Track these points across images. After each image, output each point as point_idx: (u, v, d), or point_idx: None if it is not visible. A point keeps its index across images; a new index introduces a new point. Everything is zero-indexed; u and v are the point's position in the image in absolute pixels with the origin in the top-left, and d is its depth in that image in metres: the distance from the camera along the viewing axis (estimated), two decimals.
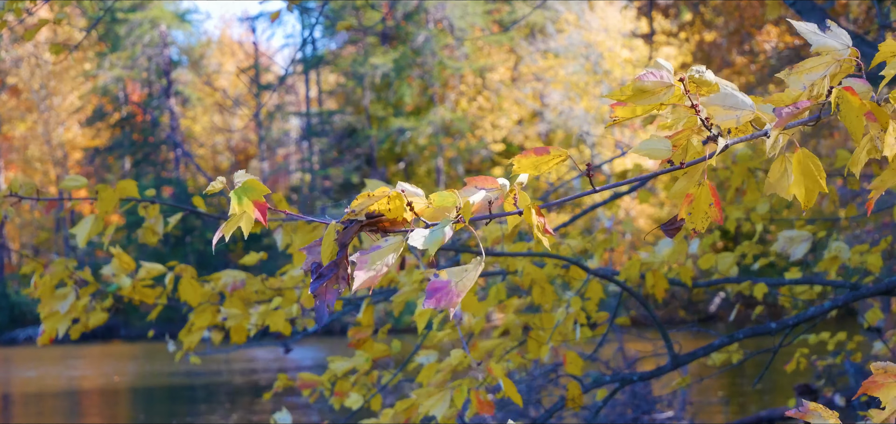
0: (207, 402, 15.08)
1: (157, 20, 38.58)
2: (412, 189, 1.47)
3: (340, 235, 1.48)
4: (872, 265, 5.07)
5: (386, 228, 1.48)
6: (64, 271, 3.62)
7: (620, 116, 1.55)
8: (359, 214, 1.48)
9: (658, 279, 4.43)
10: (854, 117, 1.50)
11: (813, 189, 1.57)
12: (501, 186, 1.48)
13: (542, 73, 35.63)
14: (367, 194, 1.46)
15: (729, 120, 1.53)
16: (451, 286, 1.44)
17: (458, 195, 1.47)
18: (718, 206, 1.58)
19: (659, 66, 1.51)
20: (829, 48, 1.55)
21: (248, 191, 1.48)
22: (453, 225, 1.43)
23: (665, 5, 22.44)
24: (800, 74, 1.56)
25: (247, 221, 1.47)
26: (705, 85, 1.51)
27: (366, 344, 4.07)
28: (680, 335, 11.59)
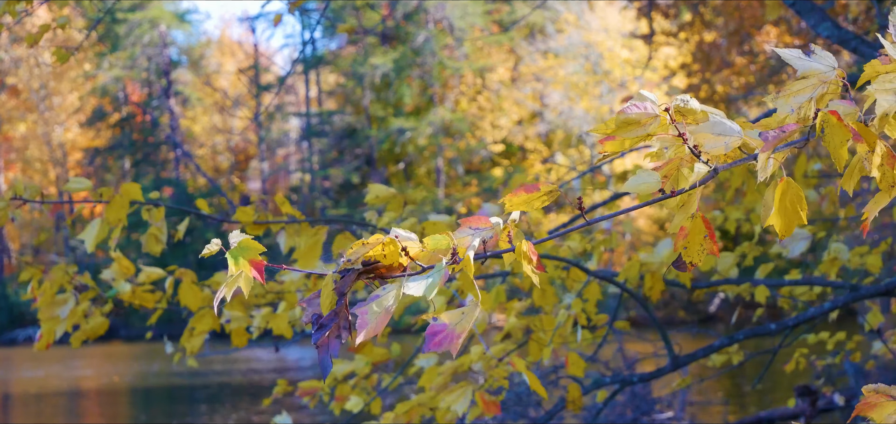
0: (207, 402, 15.08)
1: (157, 20, 38.58)
2: (405, 234, 1.49)
3: (338, 284, 1.50)
4: (872, 265, 5.07)
5: (382, 274, 1.50)
6: (63, 276, 3.61)
7: (609, 150, 1.56)
8: (355, 262, 1.50)
9: (655, 281, 4.43)
10: (838, 142, 1.50)
11: (791, 222, 1.58)
12: (495, 225, 1.51)
13: (541, 73, 35.63)
14: (361, 242, 1.48)
15: (717, 147, 1.54)
16: (451, 330, 1.46)
17: (452, 238, 1.48)
18: (713, 238, 1.59)
19: (642, 97, 1.52)
20: (815, 72, 1.55)
21: (244, 251, 1.49)
22: (449, 268, 1.45)
23: (665, 6, 22.45)
24: (787, 97, 1.56)
25: (245, 281, 1.48)
26: (691, 114, 1.52)
27: (365, 348, 4.07)
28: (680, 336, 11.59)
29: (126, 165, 40.15)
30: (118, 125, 40.14)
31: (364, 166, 36.87)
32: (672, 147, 1.55)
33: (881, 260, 5.15)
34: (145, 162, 40.01)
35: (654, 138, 1.55)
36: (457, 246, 1.47)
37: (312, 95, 40.97)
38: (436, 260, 1.48)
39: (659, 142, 1.55)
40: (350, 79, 37.19)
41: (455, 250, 1.47)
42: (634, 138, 1.53)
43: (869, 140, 1.50)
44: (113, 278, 3.73)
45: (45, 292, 3.58)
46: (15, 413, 15.02)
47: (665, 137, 1.53)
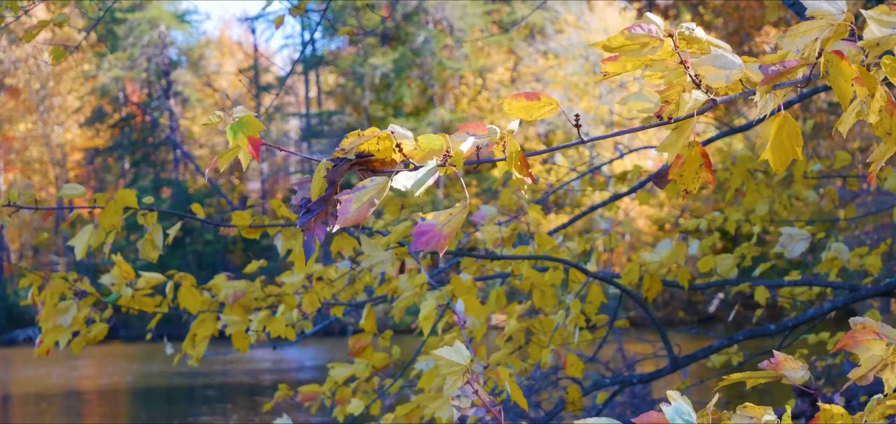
0: (207, 402, 15.08)
1: (157, 21, 38.57)
2: (402, 131, 1.48)
3: (330, 172, 1.50)
4: (871, 266, 5.07)
5: (375, 168, 1.50)
6: (64, 285, 3.61)
7: (611, 71, 1.55)
8: (349, 153, 1.49)
9: (653, 281, 4.43)
10: (842, 81, 1.48)
11: (786, 156, 1.56)
12: (491, 131, 1.50)
13: (541, 73, 35.64)
14: (357, 132, 1.47)
15: (719, 79, 1.53)
16: (437, 228, 1.46)
17: (448, 139, 1.47)
18: (709, 167, 1.58)
19: (648, 20, 1.52)
20: (824, 12, 1.54)
21: (244, 126, 1.49)
22: (440, 168, 1.45)
23: (664, 6, 22.46)
24: (794, 37, 1.55)
25: (245, 156, 1.48)
26: (696, 42, 1.51)
27: (366, 351, 4.06)
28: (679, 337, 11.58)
29: (126, 165, 40.14)
30: (118, 126, 40.14)
31: None
32: (674, 76, 1.55)
33: (881, 260, 5.15)
34: (145, 162, 40.00)
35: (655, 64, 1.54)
36: (451, 147, 1.46)
37: (312, 96, 40.97)
38: (429, 159, 1.47)
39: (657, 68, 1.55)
40: (350, 79, 37.19)
41: (448, 151, 1.45)
42: (636, 61, 1.52)
43: (869, 84, 1.49)
44: (112, 282, 3.72)
45: (47, 301, 3.57)
46: (15, 413, 15.01)
47: (667, 63, 1.53)
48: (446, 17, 35.29)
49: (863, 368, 1.59)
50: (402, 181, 1.42)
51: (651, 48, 1.50)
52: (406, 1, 34.00)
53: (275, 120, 40.58)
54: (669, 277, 4.67)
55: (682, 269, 4.60)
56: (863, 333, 1.61)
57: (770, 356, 5.48)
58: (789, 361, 1.67)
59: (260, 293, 3.91)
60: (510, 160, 1.49)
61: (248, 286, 3.87)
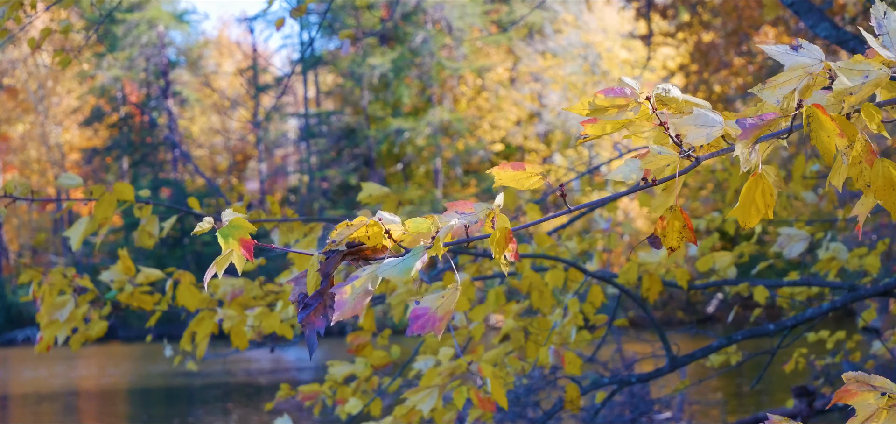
0: (207, 402, 15.08)
1: (155, 21, 38.56)
2: (390, 217, 1.51)
3: (323, 265, 1.52)
4: (870, 266, 5.07)
5: (367, 256, 1.52)
6: (62, 280, 3.61)
7: (591, 134, 1.57)
8: (340, 244, 1.52)
9: (653, 282, 4.43)
10: (825, 136, 1.48)
11: (756, 215, 1.57)
12: (479, 209, 1.51)
13: (540, 73, 35.64)
14: (345, 223, 1.50)
15: (699, 137, 1.54)
16: (433, 312, 1.49)
17: (435, 221, 1.50)
18: (690, 228, 1.61)
19: (623, 82, 1.53)
20: (801, 63, 1.54)
21: (234, 230, 1.51)
22: (427, 253, 1.47)
23: (663, 6, 22.46)
24: (773, 88, 1.55)
25: (238, 259, 1.50)
26: (673, 102, 1.52)
27: (365, 350, 4.07)
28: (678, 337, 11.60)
29: (124, 165, 40.13)
30: (116, 126, 40.13)
31: (362, 166, 36.86)
32: (654, 136, 1.56)
33: (879, 261, 5.15)
34: (144, 162, 39.99)
35: (634, 126, 1.56)
36: (439, 230, 1.48)
37: (311, 96, 40.96)
38: (418, 243, 1.49)
39: (637, 130, 1.57)
40: (348, 79, 37.18)
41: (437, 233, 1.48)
42: (615, 123, 1.54)
43: (849, 134, 1.49)
44: (112, 280, 3.73)
45: (46, 296, 3.58)
46: (14, 413, 15.01)
47: (646, 125, 1.54)
48: (445, 16, 35.30)
49: (859, 418, 1.62)
50: (387, 271, 1.45)
51: (629, 110, 1.52)
52: (405, 1, 34.00)
53: (274, 120, 40.58)
54: (668, 277, 4.67)
55: (680, 269, 4.61)
56: (856, 386, 1.64)
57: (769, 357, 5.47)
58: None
59: (259, 292, 3.92)
60: (494, 239, 1.52)
61: (247, 284, 3.87)
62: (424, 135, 35.06)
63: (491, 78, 36.81)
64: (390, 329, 4.69)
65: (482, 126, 36.24)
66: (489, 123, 36.34)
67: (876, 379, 1.61)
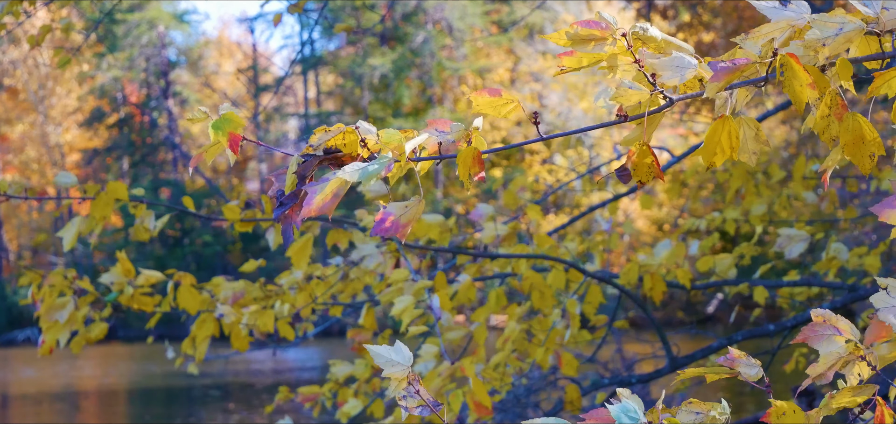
0: (207, 402, 15.08)
1: (155, 21, 38.56)
2: (366, 127, 1.55)
3: (300, 167, 1.57)
4: (870, 266, 5.07)
5: (343, 162, 1.57)
6: (63, 282, 3.61)
7: (568, 65, 1.59)
8: (317, 148, 1.57)
9: (656, 282, 4.43)
10: (797, 85, 1.46)
11: (720, 156, 1.57)
12: (454, 128, 1.56)
13: (540, 73, 35.65)
14: (323, 128, 1.55)
15: (673, 77, 1.54)
16: (396, 218, 1.54)
17: (409, 134, 1.54)
18: (658, 166, 1.61)
19: (601, 17, 1.55)
20: (787, 19, 1.54)
21: (226, 122, 1.57)
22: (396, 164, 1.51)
23: (664, 6, 22.47)
24: (755, 38, 1.55)
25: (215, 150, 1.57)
26: (651, 41, 1.53)
27: (366, 352, 4.06)
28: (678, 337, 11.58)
29: (124, 165, 40.12)
30: (116, 126, 40.12)
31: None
32: (628, 74, 1.57)
33: (880, 261, 5.15)
34: (143, 163, 39.99)
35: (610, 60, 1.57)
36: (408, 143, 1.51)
37: (311, 96, 40.95)
38: (397, 154, 1.53)
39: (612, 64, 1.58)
40: (349, 79, 37.18)
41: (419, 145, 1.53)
42: (592, 56, 1.56)
43: (820, 85, 1.48)
44: (112, 281, 3.73)
45: (46, 298, 3.58)
46: (14, 413, 15.01)
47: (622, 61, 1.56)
48: (445, 17, 35.29)
49: (821, 365, 1.58)
50: (349, 173, 1.49)
51: (607, 45, 1.53)
52: (405, 1, 33.99)
53: (274, 120, 40.57)
54: (669, 277, 4.67)
55: (682, 269, 4.61)
56: (823, 326, 1.60)
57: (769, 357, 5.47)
58: (743, 358, 1.68)
59: (259, 294, 3.92)
60: (461, 157, 1.54)
61: (247, 287, 3.87)
62: None
63: (491, 78, 36.80)
64: (391, 330, 4.68)
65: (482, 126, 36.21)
66: (489, 122, 36.34)
67: (841, 322, 1.59)
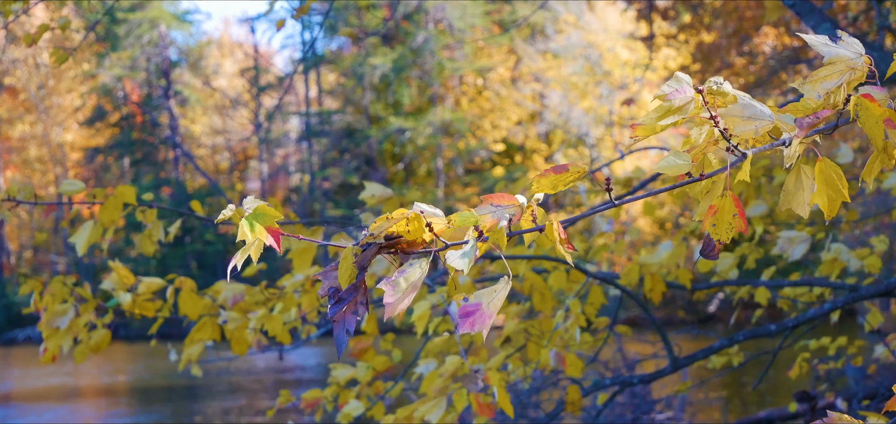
0: (208, 402, 15.08)
1: (157, 20, 38.56)
2: (431, 210, 1.47)
3: (359, 258, 1.48)
4: (871, 266, 5.06)
5: (404, 249, 1.49)
6: (63, 289, 3.60)
7: (641, 134, 1.56)
8: (378, 236, 1.48)
9: (656, 282, 4.43)
10: (874, 124, 1.50)
11: (835, 199, 1.57)
12: (519, 203, 1.49)
13: (541, 73, 35.63)
14: (385, 216, 1.46)
15: (747, 131, 1.53)
16: (483, 309, 1.45)
17: (478, 214, 1.47)
18: (742, 216, 1.58)
19: (678, 80, 1.52)
20: (842, 58, 1.55)
21: (260, 217, 1.47)
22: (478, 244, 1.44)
23: (664, 8, 22.46)
24: (814, 83, 1.56)
25: (257, 248, 1.46)
26: (722, 96, 1.51)
27: (368, 354, 4.05)
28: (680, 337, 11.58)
29: (126, 165, 40.14)
30: (118, 125, 40.14)
31: (364, 166, 36.84)
32: (702, 131, 1.55)
33: (881, 261, 5.14)
34: (145, 162, 40.00)
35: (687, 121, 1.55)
36: (482, 223, 1.45)
37: (312, 95, 40.95)
38: (458, 238, 1.47)
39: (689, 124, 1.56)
40: (350, 79, 37.17)
41: (482, 226, 1.45)
42: (665, 116, 1.53)
43: None
44: (113, 288, 3.72)
45: (48, 306, 3.56)
46: (14, 413, 15.01)
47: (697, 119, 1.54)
48: (446, 16, 35.28)
49: None
50: (453, 260, 1.41)
51: (685, 110, 1.51)
52: (407, 1, 33.98)
53: (275, 120, 40.57)
54: (670, 277, 4.66)
55: (683, 269, 4.60)
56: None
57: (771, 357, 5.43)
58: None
59: (260, 297, 3.91)
60: (548, 230, 1.49)
61: (248, 290, 3.86)
62: (426, 135, 35.06)
63: (492, 78, 36.79)
64: (393, 334, 4.68)
65: (483, 126, 36.23)
66: (490, 122, 36.32)
67: None
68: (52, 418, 14.20)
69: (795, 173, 1.57)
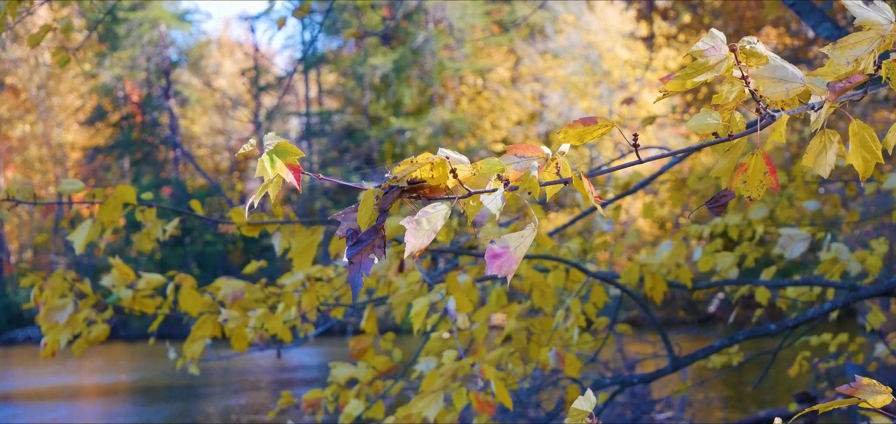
0: (208, 402, 15.08)
1: (157, 20, 38.57)
2: (456, 156, 1.46)
3: (381, 200, 1.46)
4: (872, 266, 5.06)
5: (426, 195, 1.47)
6: (63, 284, 3.60)
7: (670, 89, 1.55)
8: (401, 180, 1.46)
9: (657, 282, 4.43)
10: None
11: (870, 160, 1.56)
12: (544, 153, 1.47)
13: (541, 73, 35.63)
14: (409, 160, 1.44)
15: (778, 93, 1.52)
16: (511, 252, 1.44)
17: (505, 162, 1.45)
18: (773, 173, 1.56)
19: (713, 36, 1.51)
20: (873, 22, 1.55)
21: (281, 154, 1.44)
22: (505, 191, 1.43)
23: (664, 7, 22.46)
24: (843, 49, 1.55)
25: (276, 184, 1.43)
26: (755, 56, 1.50)
27: (368, 354, 4.05)
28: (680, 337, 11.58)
29: (126, 164, 40.14)
30: (118, 125, 40.15)
31: (364, 166, 36.85)
32: (733, 89, 1.54)
33: (881, 261, 5.14)
34: (145, 162, 40.01)
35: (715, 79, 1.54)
36: (507, 173, 1.43)
37: (312, 95, 40.96)
38: (482, 185, 1.45)
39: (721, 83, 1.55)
40: (350, 79, 37.18)
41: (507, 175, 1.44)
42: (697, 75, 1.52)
43: None
44: (113, 284, 3.72)
45: (47, 300, 3.57)
46: (14, 413, 15.02)
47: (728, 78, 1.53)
48: (446, 16, 35.28)
49: None
50: (491, 203, 1.40)
51: (718, 68, 1.50)
52: (407, 1, 33.98)
53: (275, 119, 40.57)
54: (670, 277, 4.66)
55: (683, 269, 4.60)
56: None
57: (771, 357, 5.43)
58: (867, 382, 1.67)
59: (260, 295, 3.91)
60: (575, 182, 1.47)
61: (248, 288, 3.86)
62: (426, 135, 35.06)
63: (492, 78, 36.80)
64: (393, 333, 4.68)
65: (483, 126, 36.24)
66: (490, 122, 36.33)
67: None
68: (52, 417, 14.21)
69: (820, 138, 1.57)
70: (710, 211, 1.62)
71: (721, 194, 1.60)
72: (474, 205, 1.45)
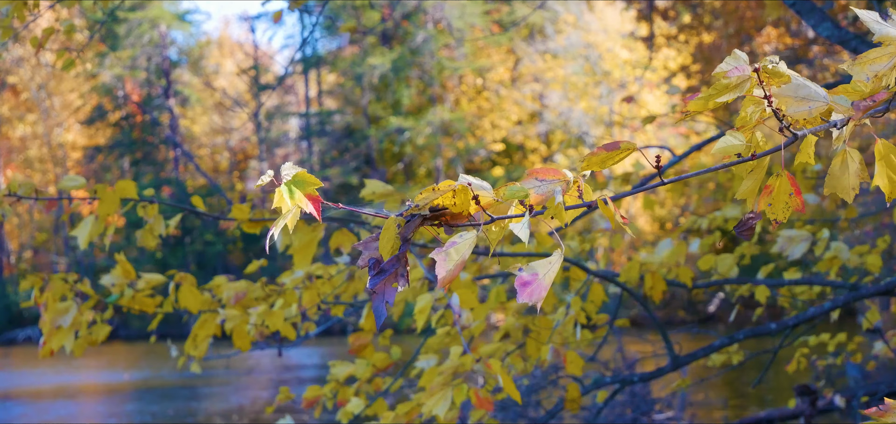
0: (208, 401, 15.09)
1: (157, 20, 38.57)
2: (479, 183, 1.46)
3: (403, 229, 1.45)
4: (872, 265, 5.07)
5: (447, 221, 1.47)
6: (64, 286, 3.60)
7: (693, 109, 1.54)
8: (423, 208, 1.46)
9: (656, 281, 4.43)
10: None
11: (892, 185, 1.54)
12: (567, 177, 1.47)
13: (541, 73, 35.63)
14: (431, 188, 1.44)
15: (801, 111, 1.51)
16: (540, 279, 1.43)
17: (527, 186, 1.45)
18: (799, 194, 1.55)
19: (736, 57, 1.50)
20: (892, 38, 1.53)
21: (301, 185, 1.43)
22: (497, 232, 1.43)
23: (664, 7, 22.47)
24: (863, 65, 1.54)
25: (294, 217, 1.42)
26: (777, 76, 1.50)
27: (367, 351, 4.06)
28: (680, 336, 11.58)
29: (126, 164, 40.15)
30: (118, 125, 40.16)
31: (363, 166, 36.86)
32: (755, 109, 1.53)
33: (881, 259, 5.15)
34: (145, 162, 40.02)
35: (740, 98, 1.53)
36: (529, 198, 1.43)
37: (312, 95, 40.96)
38: (504, 211, 1.45)
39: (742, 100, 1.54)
40: (349, 79, 37.18)
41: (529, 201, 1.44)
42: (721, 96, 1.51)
43: None
44: (113, 283, 3.72)
45: (48, 303, 3.57)
46: (14, 413, 15.02)
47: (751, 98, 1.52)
48: (445, 16, 35.28)
49: None
50: (519, 230, 1.40)
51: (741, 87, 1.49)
52: (406, 1, 33.98)
53: (275, 119, 40.58)
54: (670, 276, 4.66)
55: (683, 268, 4.60)
56: None
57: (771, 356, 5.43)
58: None
59: (260, 294, 3.91)
60: (601, 207, 1.47)
61: (249, 287, 3.86)
62: (425, 134, 35.05)
63: (491, 78, 36.80)
64: (392, 330, 4.68)
65: (483, 126, 36.23)
66: (490, 122, 36.33)
67: None
68: (52, 417, 14.21)
69: (841, 157, 1.55)
70: (739, 236, 1.61)
71: (748, 216, 1.58)
72: (497, 231, 1.45)
